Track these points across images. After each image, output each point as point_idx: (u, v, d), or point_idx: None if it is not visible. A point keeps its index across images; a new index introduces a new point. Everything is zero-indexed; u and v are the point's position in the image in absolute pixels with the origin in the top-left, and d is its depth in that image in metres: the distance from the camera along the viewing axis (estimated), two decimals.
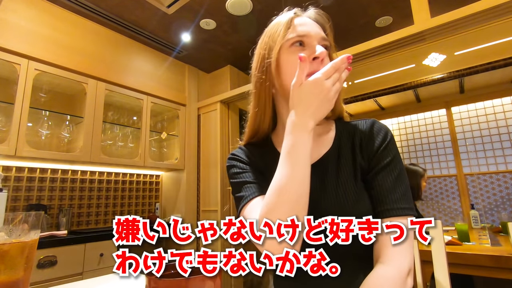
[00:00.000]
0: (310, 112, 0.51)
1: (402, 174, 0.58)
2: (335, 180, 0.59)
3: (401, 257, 0.50)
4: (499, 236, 1.91)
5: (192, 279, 0.38)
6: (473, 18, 1.48)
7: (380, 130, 0.61)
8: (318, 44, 0.59)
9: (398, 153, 0.60)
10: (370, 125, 0.63)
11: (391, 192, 0.55)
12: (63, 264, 1.65)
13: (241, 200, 0.60)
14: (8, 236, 0.46)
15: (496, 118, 2.55)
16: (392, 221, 0.51)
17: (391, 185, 0.56)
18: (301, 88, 0.51)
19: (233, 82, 2.87)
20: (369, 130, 0.62)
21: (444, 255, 0.78)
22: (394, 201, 0.54)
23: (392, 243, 0.50)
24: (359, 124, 0.65)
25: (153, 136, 2.65)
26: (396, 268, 0.49)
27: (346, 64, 0.50)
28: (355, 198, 0.57)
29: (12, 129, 1.65)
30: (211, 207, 2.59)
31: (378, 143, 0.60)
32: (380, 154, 0.59)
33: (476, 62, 2.06)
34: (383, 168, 0.58)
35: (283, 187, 0.50)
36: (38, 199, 1.99)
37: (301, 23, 0.61)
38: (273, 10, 0.67)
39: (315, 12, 0.65)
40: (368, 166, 0.60)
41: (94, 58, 2.14)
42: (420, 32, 1.60)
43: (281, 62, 0.60)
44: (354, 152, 0.62)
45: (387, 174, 0.57)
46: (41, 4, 1.92)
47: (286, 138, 0.52)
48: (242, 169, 0.66)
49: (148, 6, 2.04)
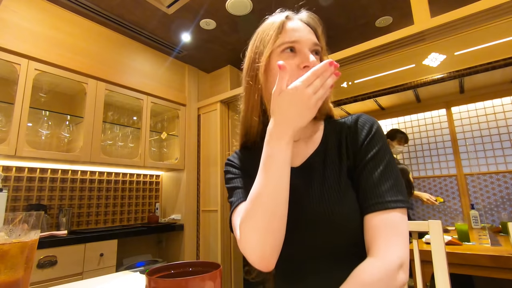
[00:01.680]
0: (288, 122, 0.50)
1: (391, 165, 0.55)
2: (320, 181, 0.59)
3: (390, 250, 0.48)
4: (499, 236, 1.91)
5: (192, 279, 0.38)
6: (473, 18, 1.48)
7: (365, 123, 0.60)
8: (309, 49, 0.58)
9: (385, 144, 0.58)
10: (355, 119, 0.62)
11: (378, 185, 0.53)
12: (63, 264, 1.65)
13: (231, 205, 0.63)
14: (8, 236, 0.46)
15: (496, 118, 2.55)
16: (379, 215, 0.51)
17: (377, 178, 0.54)
18: (280, 96, 0.50)
19: (233, 82, 2.87)
20: (354, 125, 0.61)
21: (444, 255, 0.78)
22: (381, 195, 0.52)
23: (381, 236, 0.49)
24: (345, 121, 0.64)
25: (153, 136, 2.65)
26: (383, 261, 0.47)
27: (331, 70, 0.48)
28: (339, 199, 0.56)
29: (12, 129, 1.65)
30: (211, 207, 2.59)
31: (363, 136, 0.58)
32: (365, 148, 0.57)
33: (476, 62, 2.06)
34: (368, 161, 0.56)
35: (258, 197, 0.50)
36: (38, 199, 1.99)
37: (293, 28, 0.60)
38: (273, 10, 0.67)
39: (307, 16, 0.64)
40: (355, 161, 0.58)
41: (94, 58, 2.14)
42: (420, 32, 1.60)
43: (271, 67, 0.60)
44: (340, 151, 0.61)
45: (373, 167, 0.55)
46: (41, 4, 1.92)
47: (264, 148, 0.52)
48: (234, 175, 0.67)
49: (148, 6, 2.04)
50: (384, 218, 0.51)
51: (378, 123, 0.61)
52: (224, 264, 2.46)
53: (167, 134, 2.70)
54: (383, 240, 0.49)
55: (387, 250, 0.48)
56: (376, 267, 0.47)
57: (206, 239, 2.59)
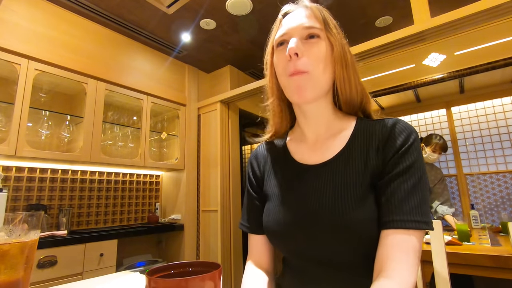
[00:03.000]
0: None
1: (421, 183, 0.51)
2: (338, 183, 0.55)
3: (406, 273, 0.46)
4: (499, 236, 1.90)
5: (192, 279, 0.37)
6: (473, 18, 1.48)
7: (403, 131, 0.54)
8: (300, 37, 0.56)
9: (421, 159, 0.53)
10: (392, 124, 0.56)
11: (404, 202, 0.49)
12: (63, 264, 1.65)
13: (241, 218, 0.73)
14: (8, 236, 0.46)
15: (496, 118, 2.55)
16: (400, 234, 0.48)
17: (404, 194, 0.50)
18: None
19: (233, 82, 2.87)
20: (390, 130, 0.55)
21: (444, 255, 0.78)
22: (406, 212, 0.49)
23: (401, 258, 0.47)
24: (380, 123, 0.58)
25: (153, 136, 2.65)
26: (400, 284, 0.45)
27: None
28: (354, 204, 0.52)
29: (12, 129, 1.65)
30: (211, 207, 2.59)
31: (397, 146, 0.53)
32: (397, 158, 0.52)
33: (476, 62, 2.06)
34: (399, 174, 0.51)
35: None
36: (38, 199, 1.99)
37: (286, 21, 0.60)
38: (273, 10, 0.67)
39: (304, 4, 0.62)
40: (383, 170, 0.54)
41: (94, 58, 2.14)
42: (420, 32, 1.60)
43: (273, 63, 0.63)
44: (368, 155, 0.56)
45: (403, 181, 0.51)
46: (41, 4, 1.92)
47: None
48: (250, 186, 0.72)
49: (148, 6, 2.04)
50: (405, 239, 0.48)
51: (417, 133, 0.55)
52: (224, 264, 2.46)
53: (167, 134, 2.70)
54: (403, 264, 0.47)
55: (405, 273, 0.46)
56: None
57: (206, 239, 2.59)
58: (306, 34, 0.57)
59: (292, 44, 0.54)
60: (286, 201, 0.61)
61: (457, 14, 1.48)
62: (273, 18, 0.68)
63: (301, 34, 0.57)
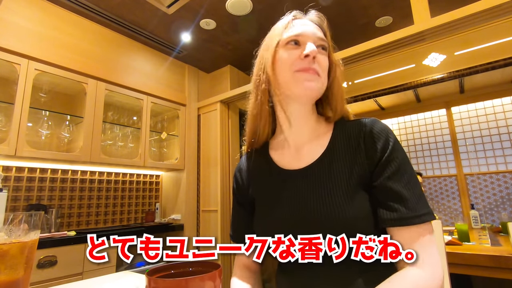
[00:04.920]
0: None
1: (413, 177, 0.54)
2: (324, 185, 0.57)
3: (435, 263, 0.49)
4: (499, 236, 1.91)
5: (192, 279, 0.38)
6: (473, 18, 1.48)
7: (380, 134, 0.58)
8: (314, 43, 0.59)
9: (405, 155, 0.57)
10: (370, 127, 0.59)
11: (406, 199, 0.52)
12: (63, 264, 1.65)
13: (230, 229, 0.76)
14: (8, 236, 0.46)
15: (496, 118, 2.55)
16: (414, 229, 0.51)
17: (404, 191, 0.53)
18: None
19: (233, 82, 2.87)
20: (369, 133, 0.58)
21: (444, 255, 0.78)
22: (412, 209, 0.51)
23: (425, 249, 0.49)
24: (358, 125, 0.61)
25: (153, 136, 2.65)
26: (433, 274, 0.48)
27: None
28: (344, 204, 0.54)
29: (12, 129, 1.65)
30: (211, 207, 2.59)
31: (380, 149, 0.56)
32: (384, 162, 0.55)
33: (476, 62, 2.06)
34: (391, 176, 0.54)
35: None
36: (38, 199, 1.99)
37: (299, 23, 0.62)
38: (273, 10, 0.68)
39: (315, 15, 0.66)
40: (373, 171, 0.56)
41: (94, 58, 2.14)
42: (420, 32, 1.60)
43: (276, 57, 0.62)
44: (353, 155, 0.58)
45: (397, 181, 0.53)
46: (41, 4, 1.92)
47: None
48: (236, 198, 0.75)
49: (148, 6, 2.04)
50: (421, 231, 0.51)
51: (393, 132, 0.59)
52: (224, 264, 2.46)
53: (167, 134, 2.70)
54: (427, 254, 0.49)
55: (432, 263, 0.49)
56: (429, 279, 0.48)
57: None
58: (319, 44, 0.61)
59: (313, 47, 0.58)
60: (274, 208, 0.62)
61: (457, 14, 1.48)
62: (273, 18, 0.68)
63: (315, 42, 0.60)
